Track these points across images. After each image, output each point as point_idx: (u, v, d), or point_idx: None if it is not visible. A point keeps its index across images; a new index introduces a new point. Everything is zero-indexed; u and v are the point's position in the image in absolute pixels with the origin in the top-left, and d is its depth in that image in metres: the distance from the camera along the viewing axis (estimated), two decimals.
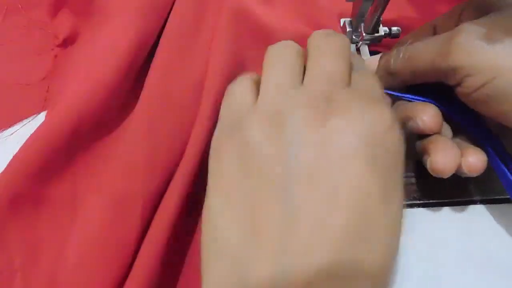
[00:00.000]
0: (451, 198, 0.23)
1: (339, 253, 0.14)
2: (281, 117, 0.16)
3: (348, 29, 0.27)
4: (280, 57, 0.18)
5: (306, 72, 0.18)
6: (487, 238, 0.22)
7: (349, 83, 0.17)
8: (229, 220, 0.15)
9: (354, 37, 0.27)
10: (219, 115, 0.19)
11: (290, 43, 0.19)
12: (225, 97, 0.20)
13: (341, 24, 0.28)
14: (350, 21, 0.27)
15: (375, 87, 0.18)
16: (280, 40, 0.26)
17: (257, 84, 0.19)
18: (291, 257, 0.14)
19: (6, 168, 0.20)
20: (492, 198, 0.23)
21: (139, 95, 0.24)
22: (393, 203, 0.15)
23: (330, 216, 0.14)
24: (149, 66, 0.24)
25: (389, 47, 0.27)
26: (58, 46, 0.27)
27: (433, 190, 0.23)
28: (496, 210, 0.22)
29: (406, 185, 0.23)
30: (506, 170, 0.20)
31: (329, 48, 0.18)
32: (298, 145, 0.15)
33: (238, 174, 0.16)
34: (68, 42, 0.27)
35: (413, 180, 0.23)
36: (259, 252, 0.14)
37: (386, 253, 0.15)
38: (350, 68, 0.18)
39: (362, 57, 0.26)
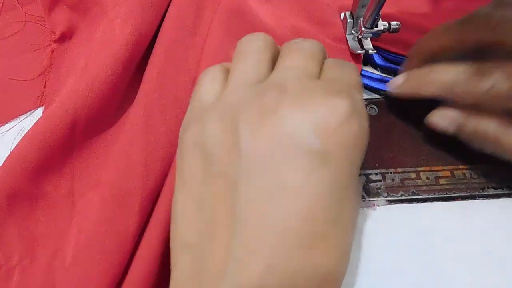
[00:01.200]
0: (450, 193, 0.23)
1: (290, 249, 0.13)
2: (235, 111, 0.15)
3: (348, 20, 0.26)
4: (247, 50, 0.18)
5: (275, 66, 0.18)
6: (487, 233, 0.21)
7: (314, 75, 0.17)
8: (189, 216, 0.15)
9: (353, 32, 0.27)
10: (189, 104, 0.19)
11: (260, 36, 0.19)
12: (195, 86, 0.19)
13: (342, 18, 0.28)
14: (351, 13, 0.27)
15: (344, 76, 0.17)
16: (276, 36, 0.26)
17: (227, 72, 0.19)
18: (244, 252, 0.13)
19: (3, 164, 0.19)
20: (491, 193, 0.23)
21: (137, 90, 0.24)
22: (346, 201, 0.14)
23: (273, 220, 0.13)
24: (147, 62, 0.24)
25: (388, 42, 0.27)
26: (55, 41, 0.26)
27: (433, 184, 0.23)
28: (496, 204, 0.22)
29: (405, 180, 0.23)
30: None
31: (299, 48, 0.18)
32: (247, 140, 0.14)
33: (197, 170, 0.15)
34: (65, 37, 0.26)
35: (412, 175, 0.23)
36: (214, 245, 0.14)
37: (336, 257, 0.14)
38: (319, 66, 0.18)
39: (365, 47, 0.26)
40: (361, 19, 0.25)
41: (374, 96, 0.26)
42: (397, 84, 0.22)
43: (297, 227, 0.13)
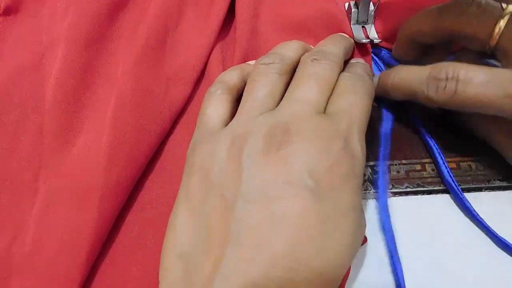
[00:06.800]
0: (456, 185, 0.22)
1: (274, 271, 0.15)
2: (243, 142, 0.17)
3: (353, 10, 0.26)
4: (262, 77, 0.20)
5: (285, 94, 0.19)
6: (493, 225, 0.21)
7: (321, 107, 0.18)
8: (186, 229, 0.17)
9: (359, 18, 0.26)
10: (197, 123, 0.20)
11: (277, 58, 0.20)
12: (202, 105, 0.21)
13: (346, 7, 0.27)
14: (355, 2, 0.26)
15: (349, 107, 0.18)
16: (279, 31, 0.26)
17: (232, 92, 0.21)
18: (232, 268, 0.15)
19: None
20: (497, 185, 0.22)
21: (105, 74, 0.23)
22: (338, 229, 0.16)
23: (263, 244, 0.15)
24: (115, 45, 0.24)
25: (392, 40, 0.26)
26: (0, 15, 0.26)
27: (439, 176, 0.23)
28: (502, 196, 0.22)
29: (410, 172, 0.23)
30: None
31: (313, 75, 0.19)
32: (251, 170, 0.16)
33: (201, 187, 0.17)
34: (11, 10, 0.26)
35: (418, 167, 0.23)
36: (205, 259, 0.15)
37: (323, 273, 0.15)
38: (329, 92, 0.19)
39: (370, 36, 0.26)
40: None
41: None
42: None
43: (284, 252, 0.15)
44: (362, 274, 0.20)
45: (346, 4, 0.27)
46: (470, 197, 0.22)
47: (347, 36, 0.25)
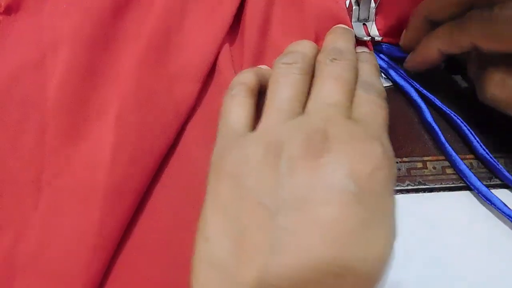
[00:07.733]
0: (457, 182, 0.22)
1: (322, 277, 0.14)
2: (278, 148, 0.17)
3: (354, 7, 0.26)
4: (286, 78, 0.19)
5: (310, 96, 0.19)
6: (494, 223, 0.21)
7: (349, 111, 0.18)
8: (222, 236, 0.16)
9: (359, 16, 0.26)
10: (218, 130, 0.20)
11: (299, 57, 0.20)
12: (222, 109, 0.20)
13: (347, 5, 0.27)
14: (356, 0, 0.26)
15: (374, 113, 0.19)
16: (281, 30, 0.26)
17: (253, 95, 0.20)
18: (277, 276, 0.14)
19: None
20: (498, 183, 0.22)
21: (109, 74, 0.23)
22: (379, 233, 0.16)
23: (307, 250, 0.15)
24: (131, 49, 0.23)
25: (394, 35, 0.26)
26: (1, 13, 0.26)
27: (440, 174, 0.23)
28: (503, 194, 0.22)
29: (412, 170, 0.23)
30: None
31: (335, 76, 0.19)
32: (290, 177, 0.16)
33: (233, 194, 0.17)
34: (11, 9, 0.26)
35: (419, 164, 0.23)
36: (245, 268, 0.15)
37: (369, 279, 0.15)
38: (352, 94, 0.19)
39: (371, 33, 0.26)
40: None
41: None
42: (408, 58, 0.25)
43: (330, 258, 0.15)
44: None
45: (347, 2, 0.27)
46: (471, 195, 0.22)
47: (347, 27, 0.24)
